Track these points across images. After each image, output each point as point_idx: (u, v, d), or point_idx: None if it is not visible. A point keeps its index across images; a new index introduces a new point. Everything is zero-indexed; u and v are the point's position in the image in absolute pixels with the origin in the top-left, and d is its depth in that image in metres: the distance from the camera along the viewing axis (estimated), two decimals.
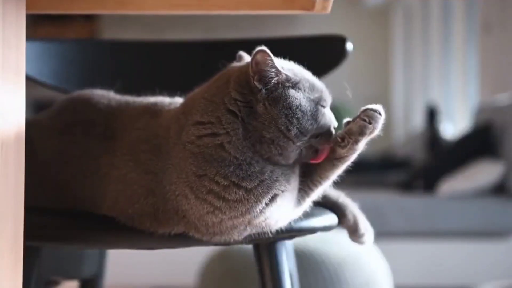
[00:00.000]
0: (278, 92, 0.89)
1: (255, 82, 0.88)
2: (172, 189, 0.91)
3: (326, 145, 0.92)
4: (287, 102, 0.89)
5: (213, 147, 0.88)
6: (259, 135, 0.88)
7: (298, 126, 0.88)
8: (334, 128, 0.93)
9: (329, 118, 0.92)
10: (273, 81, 0.88)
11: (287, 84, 0.90)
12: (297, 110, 0.89)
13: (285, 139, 0.88)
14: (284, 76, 0.89)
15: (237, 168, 0.88)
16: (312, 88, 0.92)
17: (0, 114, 0.82)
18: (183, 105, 0.97)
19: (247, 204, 0.88)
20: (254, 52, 0.88)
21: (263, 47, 0.88)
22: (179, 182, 0.90)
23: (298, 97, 0.89)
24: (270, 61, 0.88)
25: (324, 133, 0.91)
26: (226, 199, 0.88)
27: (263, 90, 0.88)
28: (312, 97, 0.91)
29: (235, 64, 0.96)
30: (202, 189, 0.89)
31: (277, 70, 0.88)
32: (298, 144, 0.89)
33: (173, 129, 0.93)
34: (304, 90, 0.90)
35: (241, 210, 0.89)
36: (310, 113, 0.89)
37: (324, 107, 0.92)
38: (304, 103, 0.89)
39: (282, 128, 0.88)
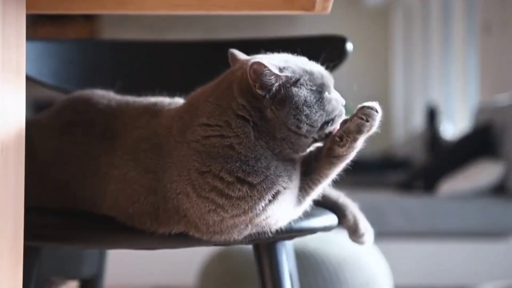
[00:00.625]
0: (282, 95, 0.89)
1: (257, 90, 0.89)
2: (173, 188, 0.91)
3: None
4: (293, 102, 0.89)
5: (221, 147, 0.89)
6: (272, 135, 0.89)
7: (307, 121, 0.89)
8: (343, 105, 0.94)
9: (335, 102, 0.93)
10: (274, 87, 0.89)
11: (289, 85, 0.90)
12: (304, 107, 0.89)
13: (296, 136, 0.89)
14: (284, 78, 0.89)
15: (244, 163, 0.88)
16: (312, 78, 0.92)
17: (0, 114, 0.82)
18: (186, 105, 0.97)
19: (250, 202, 0.89)
20: (249, 65, 0.87)
21: (257, 60, 0.87)
22: (180, 180, 0.90)
23: (302, 94, 0.90)
24: (267, 70, 0.88)
25: (335, 118, 0.92)
26: (229, 196, 0.88)
27: (267, 96, 0.89)
28: (314, 88, 0.91)
29: (232, 67, 0.96)
30: (205, 186, 0.89)
31: (276, 75, 0.89)
32: (310, 137, 0.90)
33: (176, 128, 0.93)
34: (306, 84, 0.91)
35: (243, 207, 0.89)
36: (316, 104, 0.90)
37: (328, 92, 0.92)
38: (308, 98, 0.90)
39: (293, 128, 0.89)
